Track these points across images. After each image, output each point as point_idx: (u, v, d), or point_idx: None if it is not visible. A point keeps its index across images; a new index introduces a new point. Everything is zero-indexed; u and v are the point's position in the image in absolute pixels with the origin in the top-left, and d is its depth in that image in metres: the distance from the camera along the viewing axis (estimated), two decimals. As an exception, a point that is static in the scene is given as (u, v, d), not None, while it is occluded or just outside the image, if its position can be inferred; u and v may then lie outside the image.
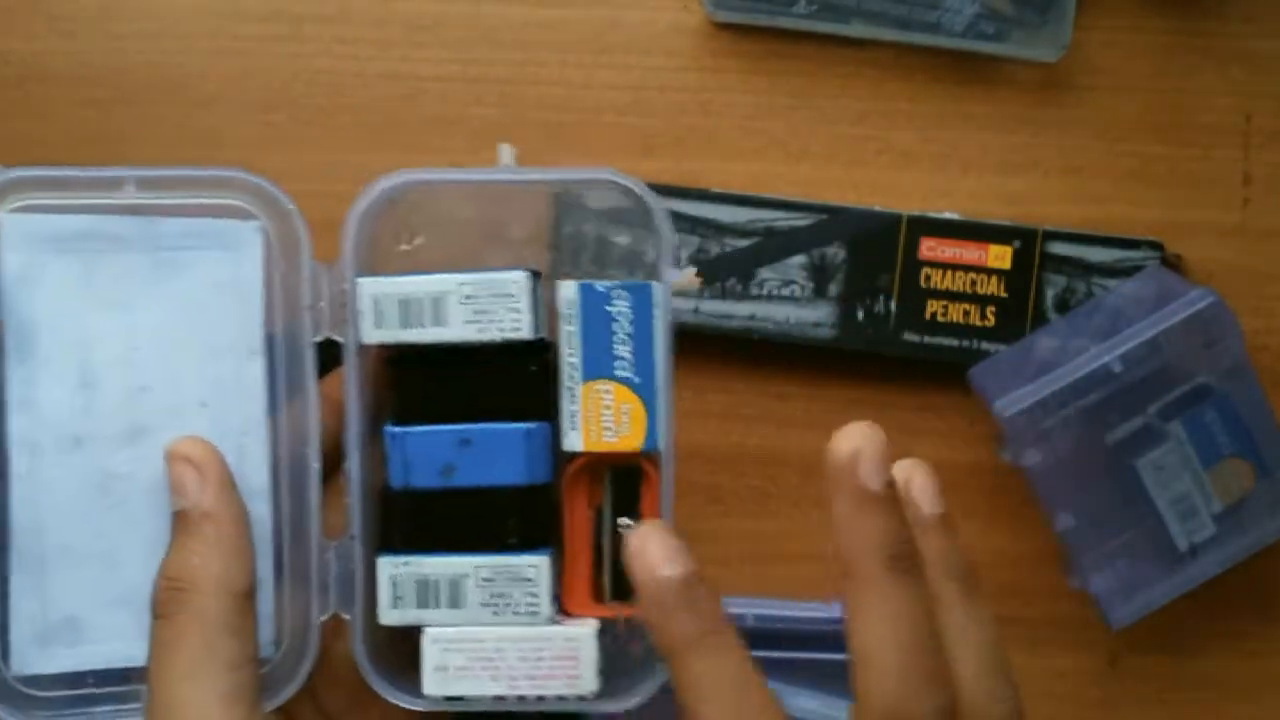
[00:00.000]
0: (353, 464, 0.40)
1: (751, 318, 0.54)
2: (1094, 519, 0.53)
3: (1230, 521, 0.53)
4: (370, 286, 0.40)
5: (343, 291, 0.40)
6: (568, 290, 0.40)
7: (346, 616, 0.40)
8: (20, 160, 0.54)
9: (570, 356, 0.40)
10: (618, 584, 0.41)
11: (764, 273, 0.54)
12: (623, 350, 0.40)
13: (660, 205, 0.39)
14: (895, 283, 0.54)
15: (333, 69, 0.55)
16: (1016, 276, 0.54)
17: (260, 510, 0.40)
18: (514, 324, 0.39)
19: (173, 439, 0.39)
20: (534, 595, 0.40)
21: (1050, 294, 0.54)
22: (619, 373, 0.40)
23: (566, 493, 0.42)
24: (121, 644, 0.39)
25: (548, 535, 0.42)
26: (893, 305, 0.54)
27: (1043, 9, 0.54)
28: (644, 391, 0.40)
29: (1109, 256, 0.54)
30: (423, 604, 0.40)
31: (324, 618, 0.40)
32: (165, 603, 0.38)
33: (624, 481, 0.42)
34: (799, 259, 0.54)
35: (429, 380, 0.40)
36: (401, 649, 0.41)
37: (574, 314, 0.40)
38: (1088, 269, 0.54)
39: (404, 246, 0.42)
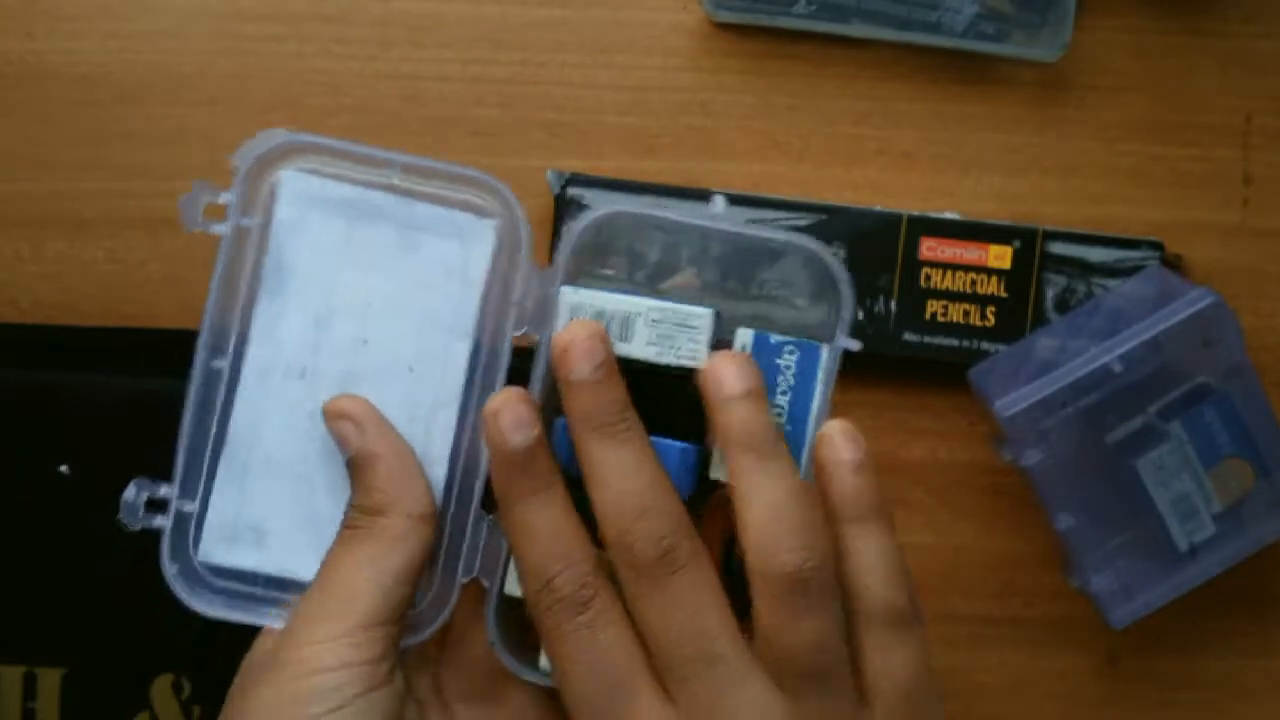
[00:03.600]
0: None
1: (752, 318, 0.54)
2: (1094, 519, 0.53)
3: (1230, 521, 0.53)
4: (571, 296, 0.43)
5: (548, 295, 0.44)
6: (744, 336, 0.43)
7: (486, 584, 0.44)
8: (20, 159, 0.54)
9: None
10: (736, 606, 0.43)
11: (764, 273, 0.54)
12: (781, 400, 0.43)
13: (848, 277, 0.43)
14: (895, 283, 0.54)
15: (333, 69, 0.55)
16: (1016, 276, 0.54)
17: (436, 475, 0.44)
18: (691, 353, 0.43)
19: (331, 398, 0.44)
20: None
21: (1050, 294, 0.54)
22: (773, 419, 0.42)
23: (706, 518, 0.43)
24: (295, 558, 0.44)
25: None
26: (893, 305, 0.54)
27: (1043, 9, 0.54)
28: (792, 442, 0.42)
29: (1109, 256, 0.54)
30: None
31: (465, 580, 0.44)
32: (354, 519, 0.42)
33: None
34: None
35: None
36: (527, 630, 0.43)
37: None
38: (1088, 269, 0.54)
39: (606, 271, 0.45)
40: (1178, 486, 0.52)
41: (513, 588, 0.43)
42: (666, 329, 0.43)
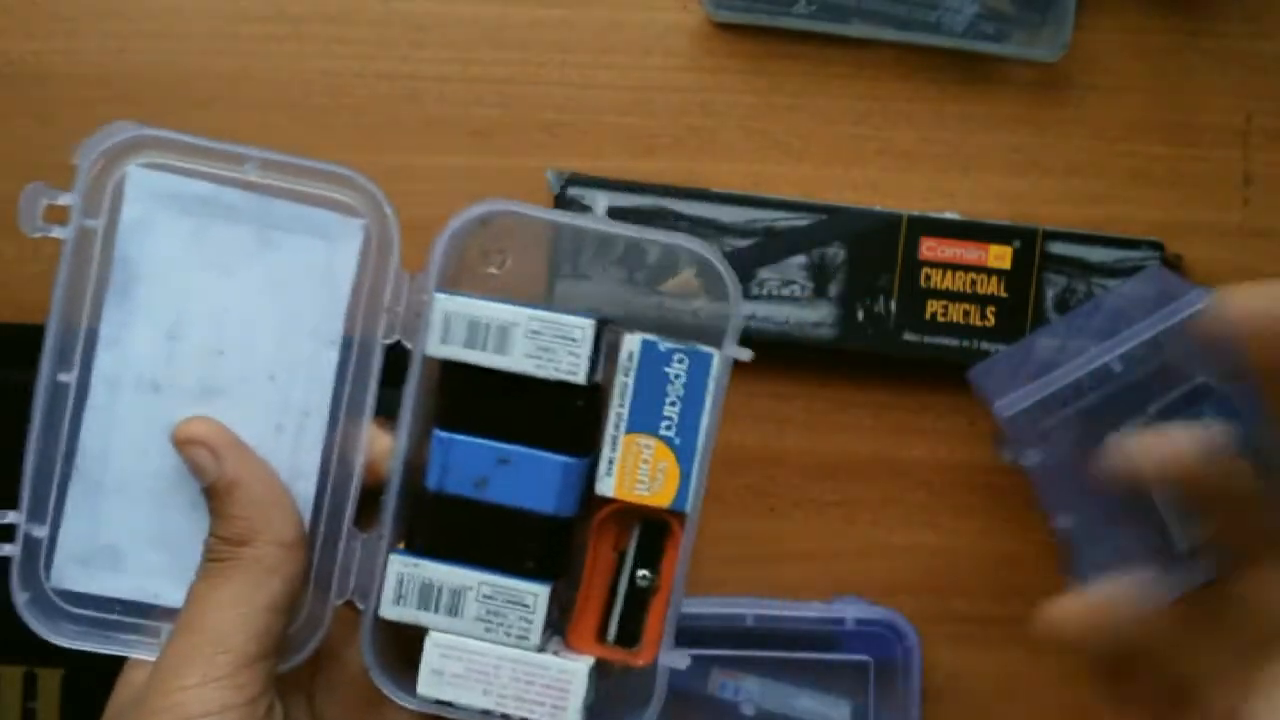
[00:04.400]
0: (396, 464, 0.41)
1: (752, 318, 0.54)
2: (1094, 519, 0.53)
3: (1230, 521, 0.53)
4: (445, 303, 0.41)
5: (421, 301, 0.41)
6: (630, 344, 0.41)
7: (361, 606, 0.42)
8: (20, 159, 0.54)
9: (619, 406, 0.41)
10: (624, 628, 0.42)
11: (764, 273, 0.54)
12: (671, 411, 0.41)
13: (737, 283, 0.41)
14: (895, 283, 0.54)
15: (333, 69, 0.55)
16: (1016, 276, 0.54)
17: (305, 490, 0.41)
18: (570, 366, 0.41)
19: (181, 422, 0.41)
20: (527, 621, 0.41)
21: (1050, 294, 0.54)
22: (663, 431, 0.41)
23: (594, 533, 0.42)
24: (153, 581, 0.41)
25: (560, 568, 0.43)
26: (893, 305, 0.54)
27: (1043, 9, 0.54)
28: (682, 454, 0.41)
29: (1109, 256, 0.54)
30: (423, 606, 0.41)
31: (338, 602, 0.42)
32: (218, 551, 0.40)
33: (651, 534, 0.43)
34: (799, 259, 0.54)
35: (482, 394, 0.41)
36: (403, 653, 0.42)
37: (632, 367, 0.41)
38: (1088, 269, 0.54)
39: (493, 270, 0.44)
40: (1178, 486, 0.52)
41: (387, 609, 0.41)
42: (546, 340, 0.41)
